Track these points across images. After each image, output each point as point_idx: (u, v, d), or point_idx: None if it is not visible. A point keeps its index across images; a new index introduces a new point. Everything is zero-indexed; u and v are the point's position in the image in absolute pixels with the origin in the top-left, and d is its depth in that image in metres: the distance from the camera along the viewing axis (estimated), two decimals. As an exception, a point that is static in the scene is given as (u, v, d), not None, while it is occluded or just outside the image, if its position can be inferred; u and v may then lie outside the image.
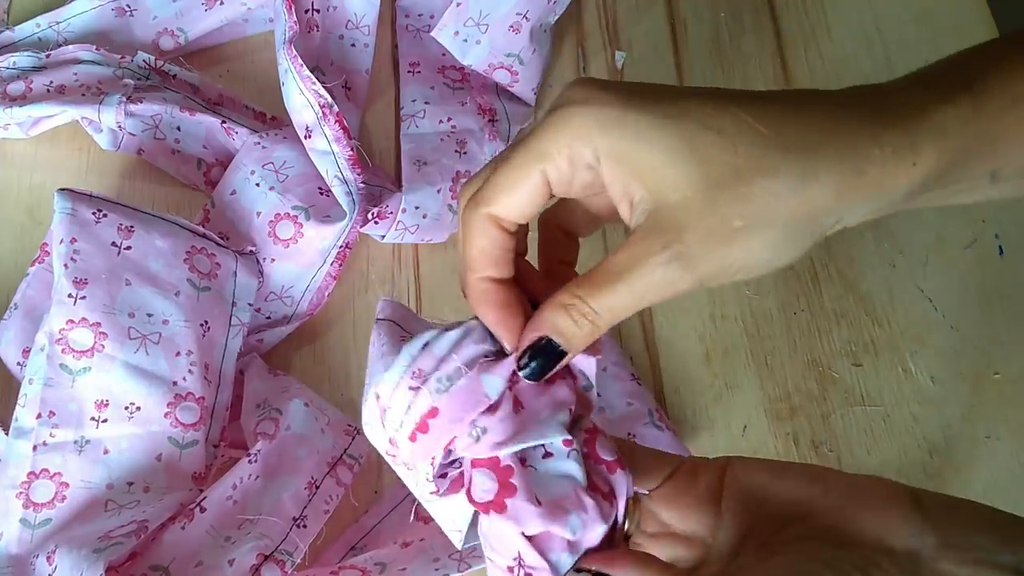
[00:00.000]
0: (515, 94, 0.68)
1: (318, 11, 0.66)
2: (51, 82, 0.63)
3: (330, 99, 0.59)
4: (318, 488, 0.54)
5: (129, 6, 0.68)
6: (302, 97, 0.60)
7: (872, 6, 0.74)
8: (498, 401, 0.35)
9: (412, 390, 0.35)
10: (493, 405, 0.35)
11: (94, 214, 0.55)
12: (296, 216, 0.60)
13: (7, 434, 0.53)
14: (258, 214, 0.61)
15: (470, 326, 0.37)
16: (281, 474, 0.53)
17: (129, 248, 0.55)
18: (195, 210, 0.64)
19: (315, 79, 0.59)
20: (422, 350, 0.36)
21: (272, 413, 0.55)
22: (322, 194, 0.62)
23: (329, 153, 0.60)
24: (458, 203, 0.37)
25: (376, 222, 0.61)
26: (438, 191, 0.62)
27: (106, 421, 0.53)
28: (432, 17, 0.70)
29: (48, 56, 0.65)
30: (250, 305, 0.59)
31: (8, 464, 0.52)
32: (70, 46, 0.65)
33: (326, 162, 0.60)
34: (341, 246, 0.60)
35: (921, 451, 0.61)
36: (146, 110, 0.62)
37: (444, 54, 0.67)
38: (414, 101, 0.66)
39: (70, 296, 0.53)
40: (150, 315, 0.54)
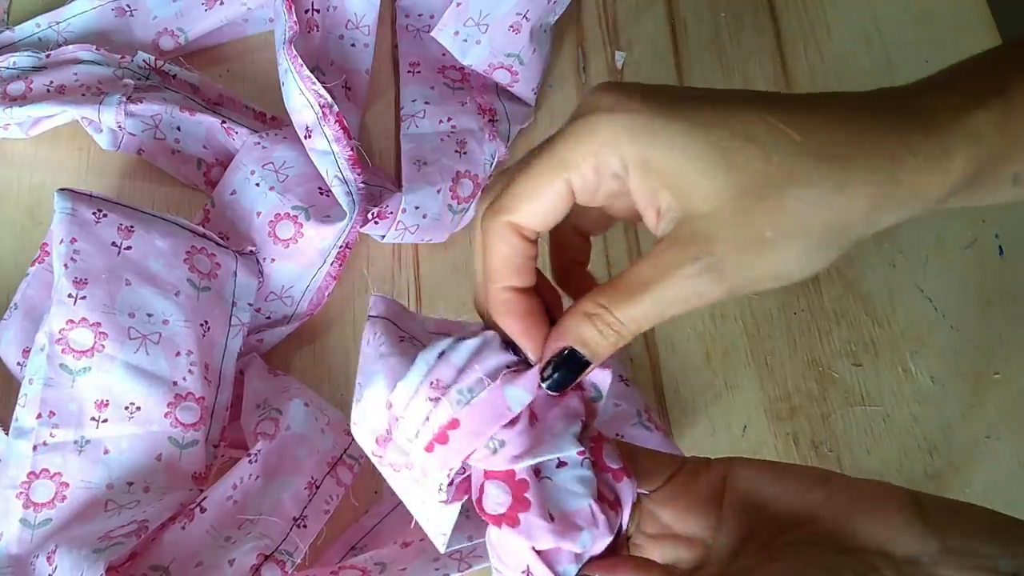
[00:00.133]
0: (515, 94, 0.68)
1: (318, 11, 0.66)
2: (51, 82, 0.63)
3: (330, 99, 0.59)
4: (318, 488, 0.54)
5: (129, 6, 0.68)
6: (302, 97, 0.60)
7: (872, 6, 0.74)
8: (518, 414, 0.35)
9: (432, 400, 0.34)
10: (513, 418, 0.35)
11: (94, 214, 0.55)
12: (296, 216, 0.60)
13: (7, 434, 0.53)
14: (258, 214, 0.61)
15: (488, 336, 0.36)
16: (281, 474, 0.53)
17: (129, 248, 0.55)
18: (195, 210, 0.64)
19: (315, 79, 0.59)
20: (439, 359, 0.35)
21: (272, 413, 0.55)
22: (322, 194, 0.62)
23: (329, 153, 0.60)
24: (476, 212, 0.36)
25: (376, 222, 0.61)
26: (438, 191, 0.62)
27: (106, 421, 0.53)
28: (432, 17, 0.70)
29: (48, 56, 0.65)
30: (250, 305, 0.59)
31: (8, 464, 0.52)
32: (70, 46, 0.65)
33: (326, 162, 0.60)
34: (341, 246, 0.60)
35: (921, 451, 0.61)
36: (146, 110, 0.62)
37: (444, 54, 0.67)
38: (414, 101, 0.66)
39: (70, 296, 0.53)
40: (150, 315, 0.54)
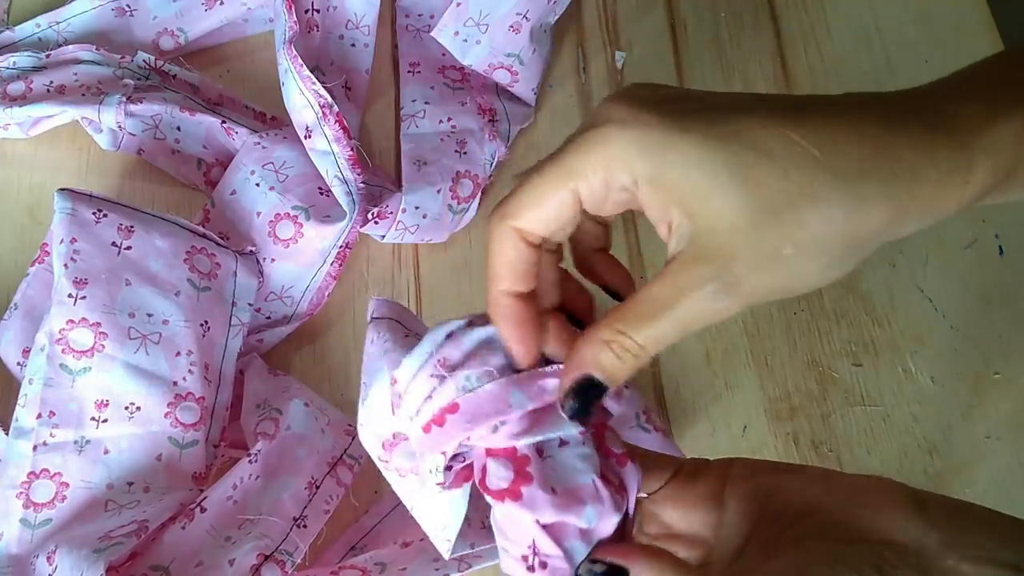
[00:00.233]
0: (515, 94, 0.68)
1: (318, 11, 0.66)
2: (51, 82, 0.63)
3: (330, 99, 0.59)
4: (318, 488, 0.54)
5: (129, 6, 0.68)
6: (302, 97, 0.60)
7: (872, 6, 0.74)
8: None
9: (435, 378, 0.34)
10: None
11: (94, 214, 0.55)
12: (296, 216, 0.60)
13: (7, 434, 0.53)
14: (258, 214, 0.61)
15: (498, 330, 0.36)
16: (281, 474, 0.53)
17: (129, 248, 0.55)
18: (195, 210, 0.64)
19: (315, 79, 0.59)
20: (447, 339, 0.35)
21: (272, 413, 0.55)
22: (322, 194, 0.62)
23: (329, 153, 0.60)
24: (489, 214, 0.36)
25: (376, 222, 0.61)
26: (438, 191, 0.62)
27: (106, 421, 0.53)
28: (432, 17, 0.70)
29: (48, 56, 0.65)
30: (250, 305, 0.59)
31: (8, 464, 0.52)
32: (70, 46, 0.65)
33: (326, 162, 0.60)
34: (341, 246, 0.60)
35: (921, 451, 0.61)
36: (146, 110, 0.62)
37: (444, 54, 0.67)
38: (414, 101, 0.66)
39: (70, 296, 0.53)
40: (150, 315, 0.54)
